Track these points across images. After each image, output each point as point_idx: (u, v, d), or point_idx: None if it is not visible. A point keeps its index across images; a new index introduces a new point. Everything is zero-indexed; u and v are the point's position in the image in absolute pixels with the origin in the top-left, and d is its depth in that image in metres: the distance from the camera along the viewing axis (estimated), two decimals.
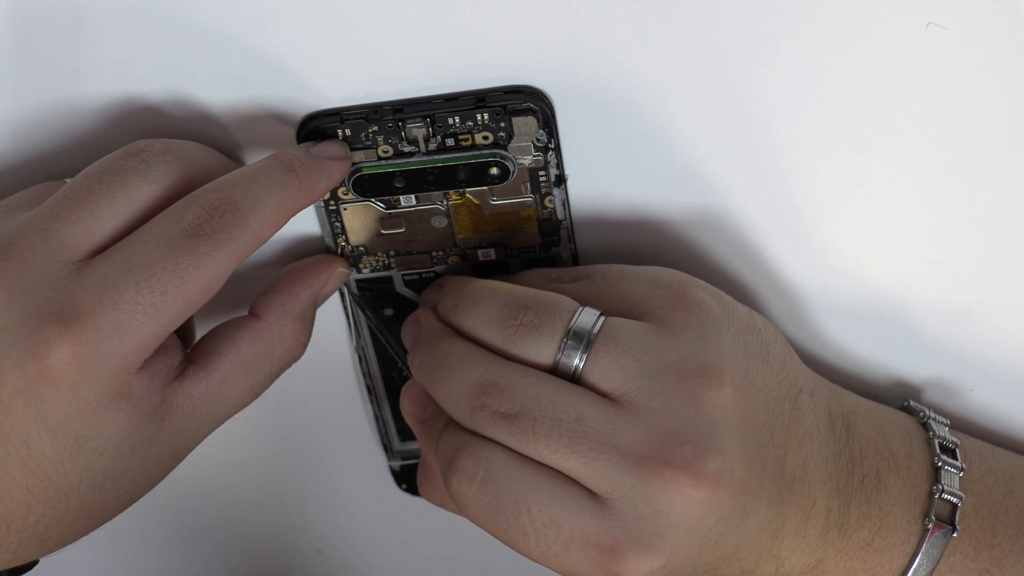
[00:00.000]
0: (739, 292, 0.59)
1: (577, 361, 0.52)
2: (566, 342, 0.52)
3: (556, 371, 0.52)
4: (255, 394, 0.55)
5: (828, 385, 0.56)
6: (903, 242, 0.57)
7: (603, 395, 0.51)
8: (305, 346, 0.56)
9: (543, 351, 0.52)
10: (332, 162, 0.53)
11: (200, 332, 0.56)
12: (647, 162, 0.56)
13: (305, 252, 0.59)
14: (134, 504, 0.54)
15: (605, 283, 0.54)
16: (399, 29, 0.53)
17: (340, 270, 0.58)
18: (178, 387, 0.52)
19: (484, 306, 0.53)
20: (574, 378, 0.52)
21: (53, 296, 0.50)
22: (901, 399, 0.60)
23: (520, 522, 0.50)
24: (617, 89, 0.54)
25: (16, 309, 0.50)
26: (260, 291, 0.56)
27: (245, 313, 0.56)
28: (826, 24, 0.52)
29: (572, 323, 0.52)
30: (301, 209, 0.53)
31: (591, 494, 0.50)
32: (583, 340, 0.52)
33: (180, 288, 0.50)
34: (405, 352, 0.56)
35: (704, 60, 0.53)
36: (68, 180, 0.55)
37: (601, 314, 0.52)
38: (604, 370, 0.51)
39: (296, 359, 0.56)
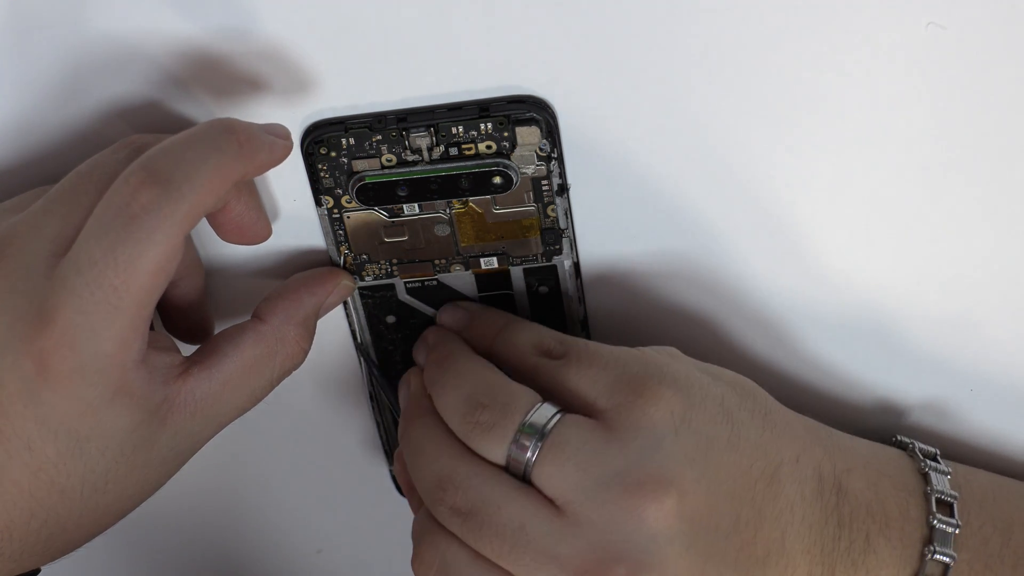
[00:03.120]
0: (731, 307, 0.59)
1: (529, 456, 0.52)
2: (518, 440, 0.52)
3: (509, 469, 0.53)
4: (256, 399, 0.55)
5: (821, 441, 0.56)
6: (897, 251, 0.57)
7: (549, 500, 0.52)
8: (306, 353, 0.56)
9: (495, 451, 0.53)
10: (275, 138, 0.52)
11: None
12: (649, 171, 0.56)
13: (309, 265, 0.59)
14: None
15: (576, 368, 0.54)
16: (403, 39, 0.53)
17: (345, 283, 0.58)
18: (181, 385, 0.52)
19: (451, 395, 0.54)
20: (525, 476, 0.52)
21: (35, 298, 0.50)
22: (893, 424, 0.60)
23: None
24: (620, 98, 0.54)
25: (7, 311, 0.50)
26: (264, 297, 0.56)
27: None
28: (826, 26, 0.52)
29: (526, 420, 0.53)
30: (243, 178, 0.51)
31: None
32: (534, 438, 0.52)
33: (128, 280, 0.49)
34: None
35: (704, 64, 0.53)
36: None
37: (557, 411, 0.53)
38: (550, 477, 0.52)
39: (297, 366, 0.56)
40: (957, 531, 0.55)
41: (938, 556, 0.55)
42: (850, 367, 0.60)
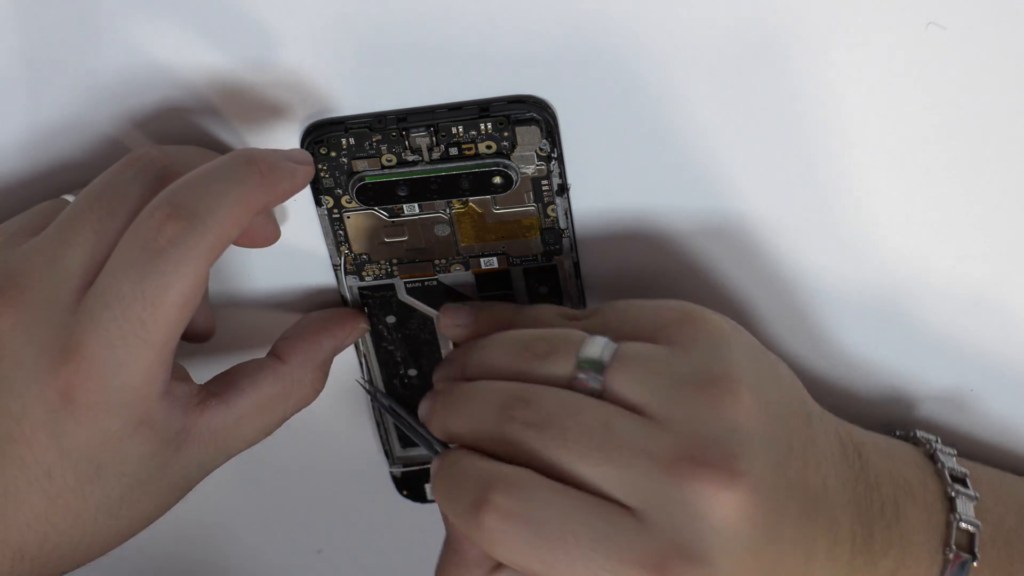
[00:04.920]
0: (738, 301, 0.59)
1: (594, 384, 0.51)
2: (581, 369, 0.51)
3: (575, 391, 0.51)
4: (266, 434, 0.55)
5: (833, 416, 0.56)
6: (913, 235, 0.57)
7: (626, 407, 0.51)
8: (318, 394, 0.57)
9: (561, 369, 0.52)
10: (296, 164, 0.53)
11: (208, 366, 0.57)
12: (648, 172, 0.56)
13: (308, 264, 0.59)
14: None
15: (614, 314, 0.54)
16: (403, 39, 0.53)
17: (362, 326, 0.59)
18: (199, 416, 0.53)
19: (496, 348, 0.53)
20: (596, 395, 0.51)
21: (62, 331, 0.50)
22: (899, 417, 0.60)
23: (567, 550, 0.49)
24: (620, 98, 0.54)
25: (32, 343, 0.50)
26: (283, 334, 0.57)
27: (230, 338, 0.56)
28: (826, 24, 0.52)
29: (583, 351, 0.52)
30: (265, 208, 0.52)
31: (628, 510, 0.49)
32: (596, 365, 0.51)
33: (156, 314, 0.50)
34: (429, 445, 0.56)
35: (704, 63, 0.53)
36: (68, 197, 0.55)
37: (611, 339, 0.52)
38: (622, 383, 0.51)
39: (307, 405, 0.57)
40: (976, 502, 0.55)
41: (964, 524, 0.55)
42: (857, 351, 0.60)
